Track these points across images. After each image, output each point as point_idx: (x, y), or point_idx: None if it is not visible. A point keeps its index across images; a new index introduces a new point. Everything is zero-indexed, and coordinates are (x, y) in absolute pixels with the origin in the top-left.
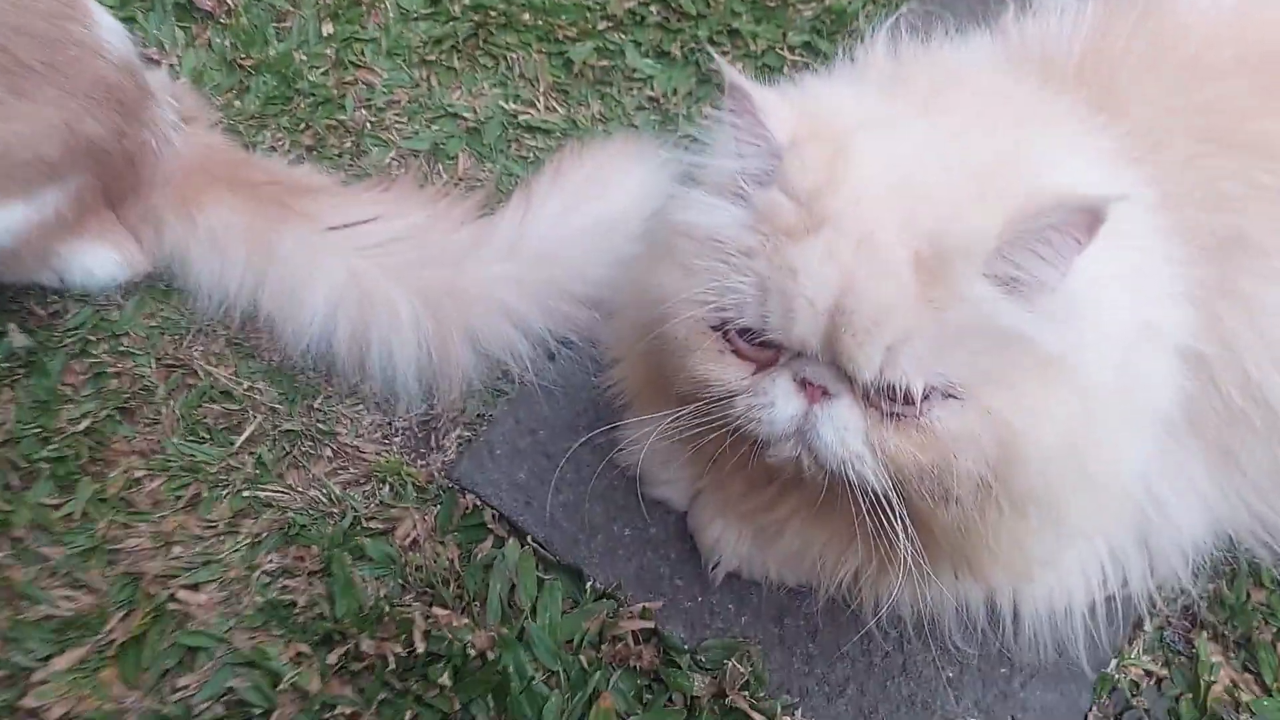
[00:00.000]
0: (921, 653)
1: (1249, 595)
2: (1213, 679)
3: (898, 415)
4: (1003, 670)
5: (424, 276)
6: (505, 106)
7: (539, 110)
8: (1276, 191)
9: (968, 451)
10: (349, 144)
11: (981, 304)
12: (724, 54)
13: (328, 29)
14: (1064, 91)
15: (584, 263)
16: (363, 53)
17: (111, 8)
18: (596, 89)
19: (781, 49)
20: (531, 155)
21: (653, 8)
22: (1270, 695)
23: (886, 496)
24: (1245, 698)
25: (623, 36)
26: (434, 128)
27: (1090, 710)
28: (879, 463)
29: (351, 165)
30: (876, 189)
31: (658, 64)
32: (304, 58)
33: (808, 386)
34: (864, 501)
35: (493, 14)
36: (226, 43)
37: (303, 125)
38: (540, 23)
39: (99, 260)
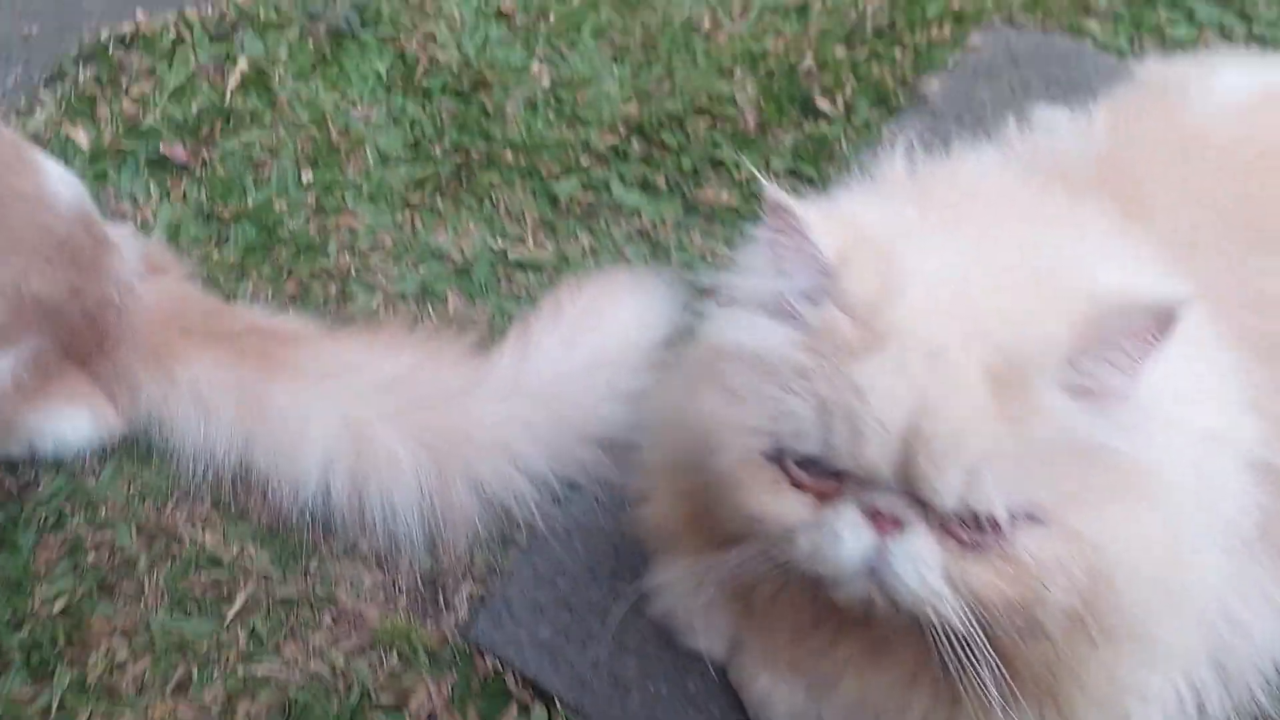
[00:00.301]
0: None
1: None
2: None
3: (978, 545)
4: None
5: (423, 420)
6: (493, 245)
7: (528, 247)
8: None
9: (1057, 581)
10: (334, 290)
11: (1060, 416)
12: (709, 183)
13: (307, 176)
14: (1089, 199)
15: (589, 399)
16: (344, 198)
17: (82, 165)
18: (584, 223)
19: (766, 176)
20: (524, 292)
21: (634, 142)
22: None
23: (968, 636)
24: None
25: (606, 171)
26: (421, 269)
27: None
28: (961, 600)
29: (338, 312)
30: (937, 300)
31: (644, 196)
32: (284, 205)
33: (878, 518)
34: (940, 642)
35: (474, 154)
36: (203, 194)
37: (285, 273)
38: (523, 161)
39: (70, 424)
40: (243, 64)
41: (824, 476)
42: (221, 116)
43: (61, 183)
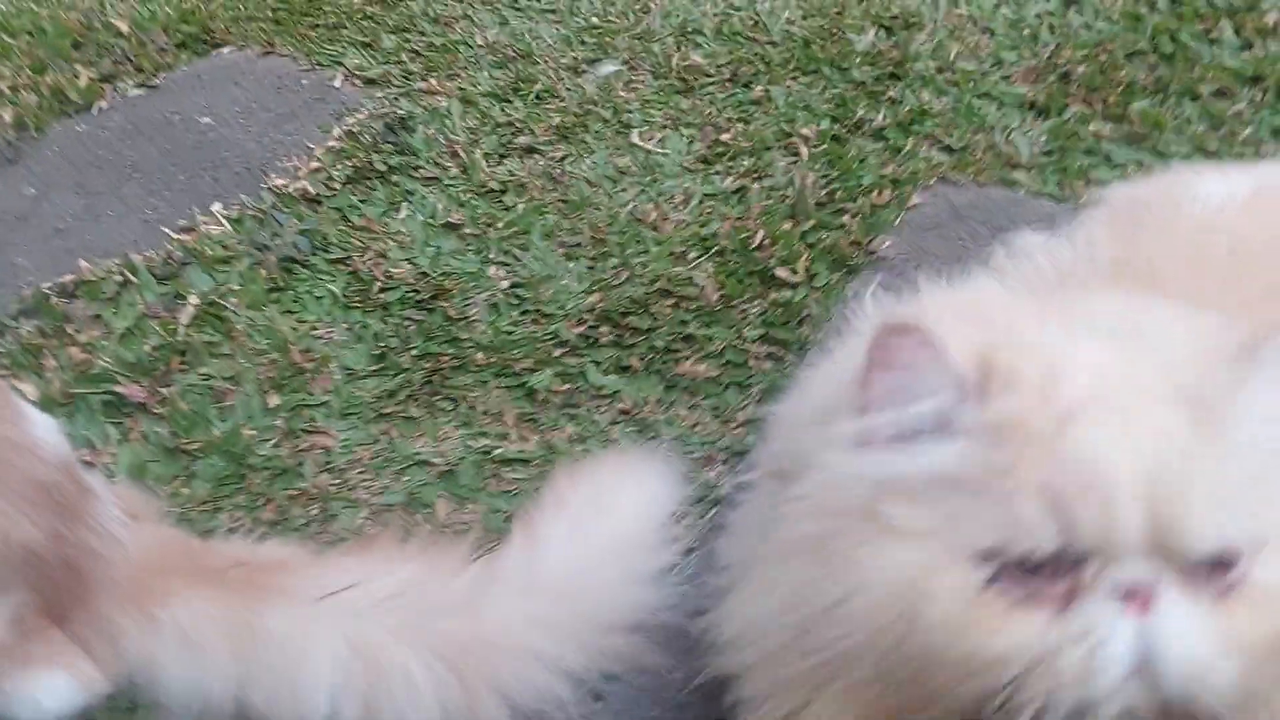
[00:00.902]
0: None
1: None
2: None
3: (1228, 589)
4: None
5: (435, 631)
6: (474, 445)
7: (511, 443)
8: None
9: None
10: (315, 511)
11: (1254, 431)
12: (684, 359)
13: (273, 400)
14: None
15: (611, 586)
16: (314, 419)
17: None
18: (565, 413)
19: (740, 345)
20: (515, 488)
21: (602, 329)
22: None
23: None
24: None
25: (580, 359)
26: (405, 479)
27: None
28: (1231, 662)
29: (321, 533)
30: (1097, 362)
31: (621, 379)
32: (252, 432)
33: (1132, 597)
34: None
35: (443, 359)
36: (164, 431)
37: (261, 501)
38: (494, 360)
39: (48, 688)
40: (194, 300)
41: (1059, 576)
42: (177, 353)
43: (45, 429)
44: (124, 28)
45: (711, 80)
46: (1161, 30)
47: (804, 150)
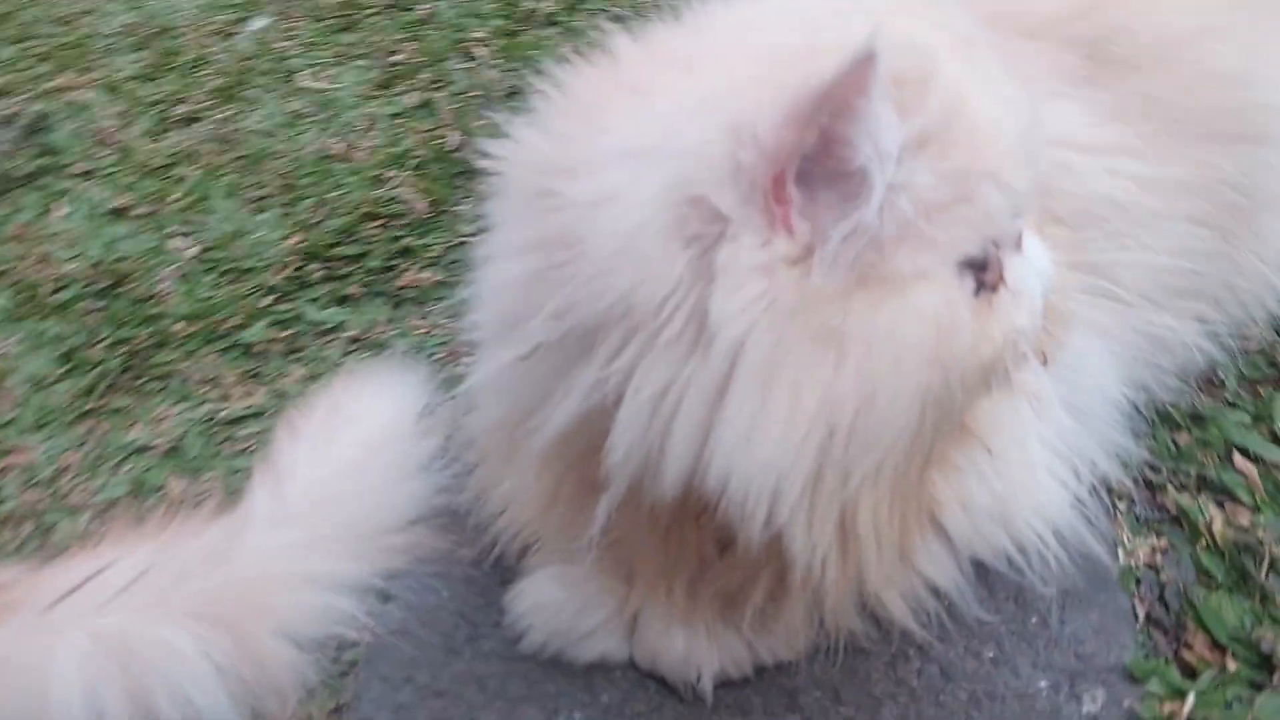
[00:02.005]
0: (952, 652)
1: (1174, 440)
2: (1208, 518)
3: None
4: (1034, 620)
5: (187, 594)
6: (194, 416)
7: (235, 401)
8: None
9: None
10: (28, 529)
11: None
12: (406, 272)
13: None
14: None
15: (371, 490)
16: (4, 438)
17: None
18: (290, 359)
19: (462, 243)
20: (251, 444)
21: (312, 267)
22: (1258, 509)
23: None
24: (1243, 521)
25: (293, 303)
26: (125, 470)
27: (1134, 604)
28: None
29: (42, 548)
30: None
31: (343, 309)
32: None
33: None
34: None
35: (139, 341)
36: None
37: None
38: (198, 327)
39: None
40: None
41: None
42: None
43: None
44: None
45: (372, 10)
46: None
47: (482, 51)
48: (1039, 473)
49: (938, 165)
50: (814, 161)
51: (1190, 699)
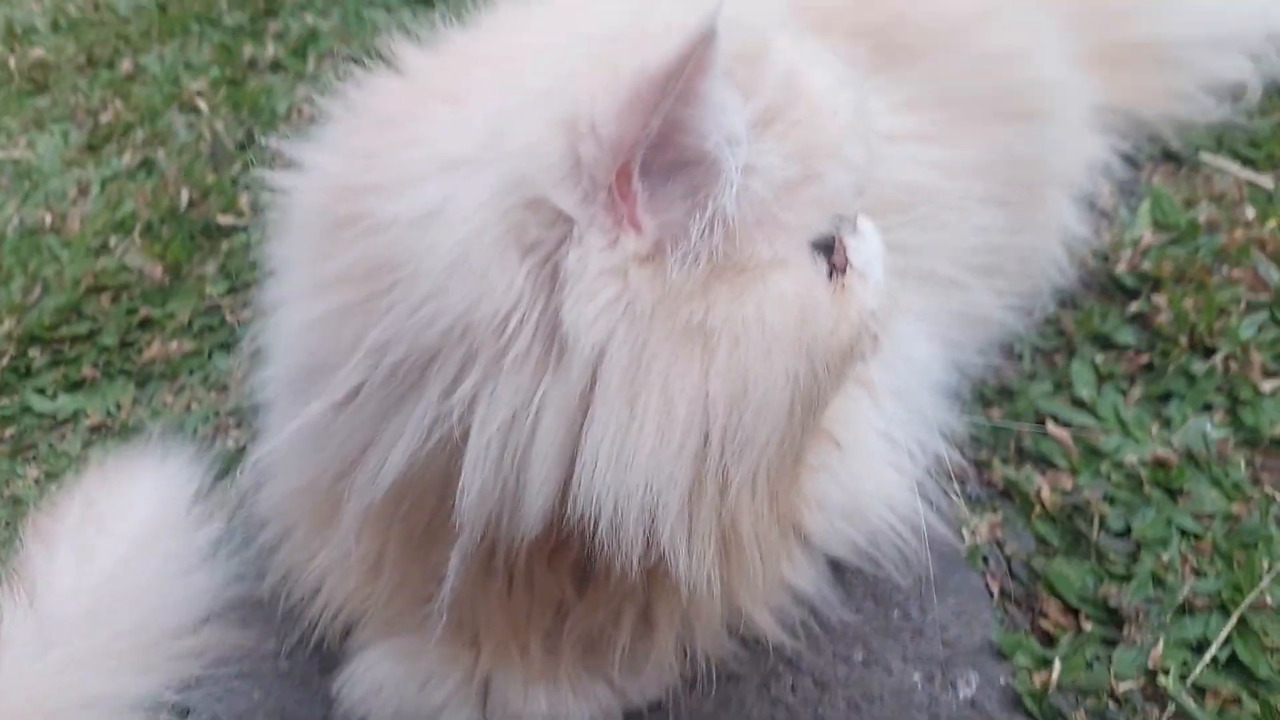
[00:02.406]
0: (822, 660)
1: (990, 417)
2: (1035, 489)
3: None
4: (895, 613)
5: None
6: None
7: None
8: None
9: None
10: None
11: None
12: (149, 345)
13: None
14: None
15: (149, 590)
16: None
17: None
18: (19, 459)
19: (210, 307)
20: None
21: (33, 353)
22: (1076, 473)
23: None
24: (1066, 485)
25: (14, 395)
26: None
27: (986, 582)
28: None
29: None
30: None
31: (77, 395)
32: None
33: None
34: None
35: None
36: None
37: None
38: None
39: None
40: None
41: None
42: None
43: None
44: None
45: (66, 71)
46: None
47: (201, 103)
48: (878, 463)
49: (783, 144)
50: (658, 151)
51: (1056, 665)
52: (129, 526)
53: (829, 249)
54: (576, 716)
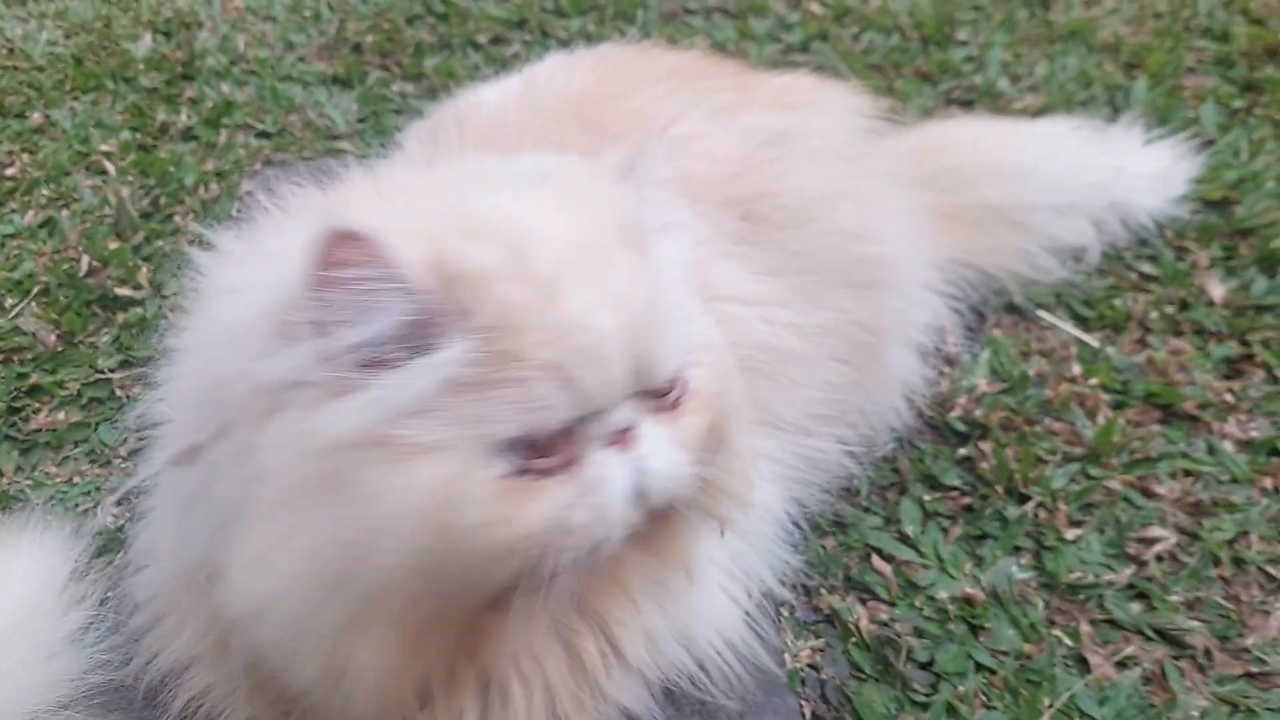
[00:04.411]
0: None
1: (822, 545)
2: (855, 618)
3: (675, 404)
4: None
5: None
6: None
7: None
8: None
9: (727, 380)
10: None
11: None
12: (36, 413)
13: None
14: None
15: (11, 676)
16: None
17: None
18: None
19: (99, 379)
20: None
21: None
22: (894, 604)
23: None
24: (883, 616)
25: None
26: None
27: (802, 708)
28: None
29: None
30: (554, 231)
31: None
32: None
33: (620, 438)
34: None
35: None
36: None
37: None
38: None
39: None
40: None
41: (560, 446)
42: None
43: None
44: None
45: None
46: None
47: (109, 166)
48: (716, 594)
49: (477, 349)
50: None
51: None
52: (1, 608)
53: (535, 451)
54: None
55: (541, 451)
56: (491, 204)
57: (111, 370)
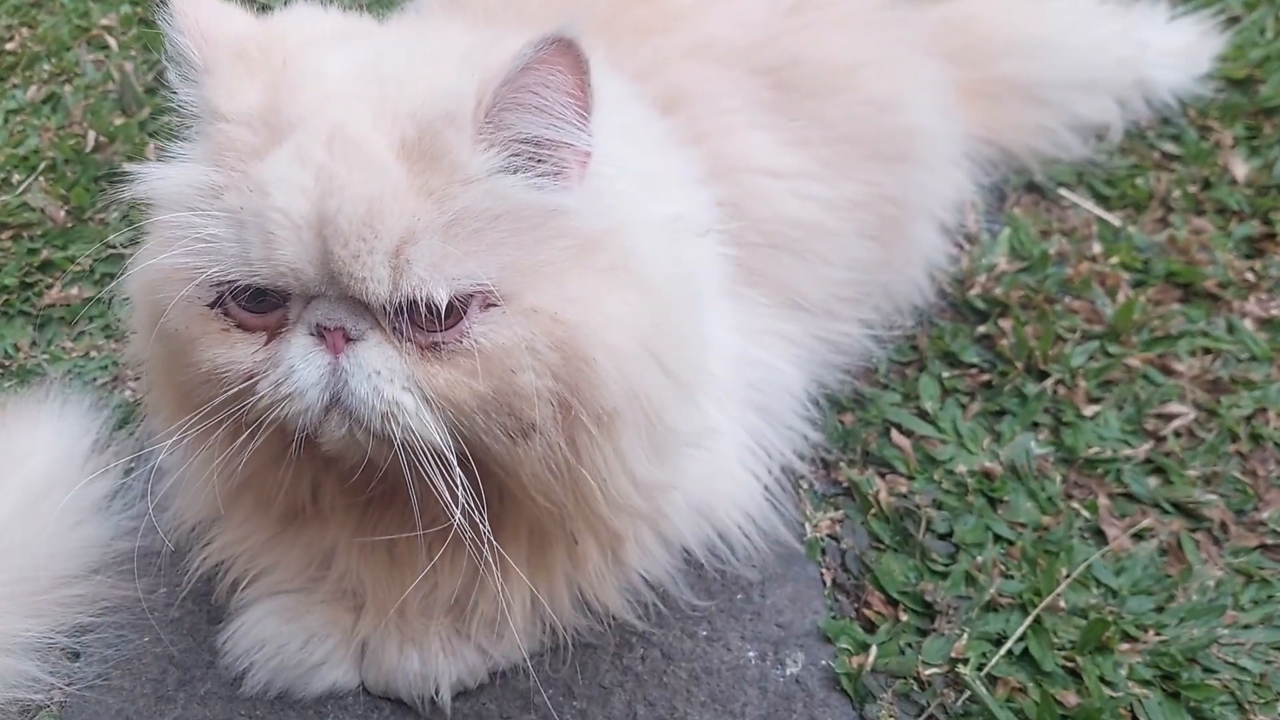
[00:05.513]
0: (671, 635)
1: (841, 421)
2: (874, 490)
3: (438, 345)
4: (739, 597)
5: None
6: None
7: None
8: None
9: (523, 363)
10: None
11: (487, 180)
12: (49, 288)
13: None
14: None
15: (40, 540)
16: None
17: None
18: None
19: (113, 254)
20: None
21: None
22: (913, 478)
23: (446, 455)
24: (902, 489)
25: None
26: None
27: (822, 575)
28: (431, 408)
29: None
30: (340, 89)
31: None
32: None
33: (326, 335)
34: (430, 474)
35: None
36: None
37: None
38: None
39: None
40: None
41: (265, 309)
42: None
43: None
44: None
45: None
46: None
47: (111, 41)
48: (735, 468)
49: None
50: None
51: (873, 650)
52: (25, 473)
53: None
54: (446, 675)
55: (257, 310)
56: (333, 57)
57: (123, 246)
